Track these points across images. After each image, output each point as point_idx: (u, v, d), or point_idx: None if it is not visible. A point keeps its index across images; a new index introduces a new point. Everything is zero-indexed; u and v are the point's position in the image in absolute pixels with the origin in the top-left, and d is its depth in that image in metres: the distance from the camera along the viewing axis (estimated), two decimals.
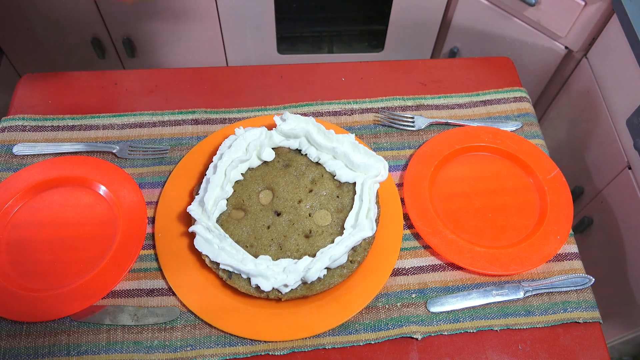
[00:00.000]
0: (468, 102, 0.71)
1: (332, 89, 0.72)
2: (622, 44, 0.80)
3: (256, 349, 0.51)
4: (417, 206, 0.59)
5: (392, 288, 0.55)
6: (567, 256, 0.58)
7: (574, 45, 0.93)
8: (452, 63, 0.76)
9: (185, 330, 0.52)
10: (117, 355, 0.51)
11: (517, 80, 0.74)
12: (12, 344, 0.51)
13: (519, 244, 0.57)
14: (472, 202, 0.61)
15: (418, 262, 0.57)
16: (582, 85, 0.93)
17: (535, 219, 0.60)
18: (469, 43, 1.12)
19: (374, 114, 0.69)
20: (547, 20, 0.93)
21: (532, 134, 0.68)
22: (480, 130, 0.66)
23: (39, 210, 0.59)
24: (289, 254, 0.53)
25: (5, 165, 0.63)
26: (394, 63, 0.76)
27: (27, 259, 0.56)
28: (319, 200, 0.57)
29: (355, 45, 1.26)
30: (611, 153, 0.83)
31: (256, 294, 0.51)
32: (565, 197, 0.60)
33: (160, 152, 0.64)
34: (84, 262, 0.55)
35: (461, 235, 0.58)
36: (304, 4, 1.20)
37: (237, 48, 1.19)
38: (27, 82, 0.71)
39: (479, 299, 0.54)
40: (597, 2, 0.84)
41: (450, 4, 1.10)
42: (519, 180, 0.63)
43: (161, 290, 0.55)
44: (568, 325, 0.54)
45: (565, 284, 0.55)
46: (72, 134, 0.66)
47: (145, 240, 0.57)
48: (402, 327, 0.53)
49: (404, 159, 0.65)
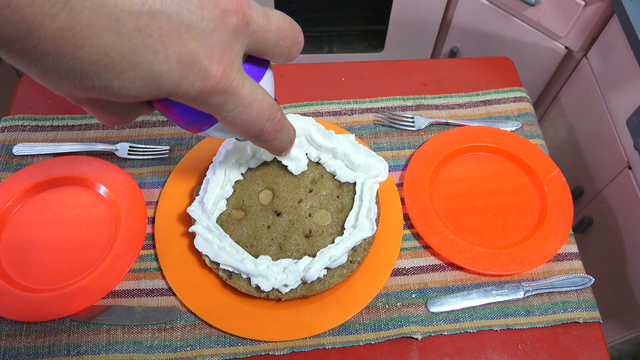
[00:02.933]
0: (468, 102, 0.71)
1: (332, 89, 0.72)
2: (622, 44, 0.80)
3: (256, 349, 0.51)
4: (417, 206, 0.59)
5: (392, 288, 0.55)
6: (567, 256, 0.58)
7: (574, 45, 0.93)
8: (452, 63, 0.76)
9: (185, 330, 0.52)
10: (117, 355, 0.51)
11: (517, 80, 0.74)
12: (12, 344, 0.51)
13: (519, 244, 0.57)
14: (472, 202, 0.61)
15: (418, 262, 0.57)
16: (582, 85, 0.93)
17: (535, 219, 0.60)
18: (469, 43, 1.12)
19: (374, 114, 0.69)
20: (547, 20, 0.93)
21: (532, 134, 0.68)
22: (480, 130, 0.66)
23: (39, 210, 0.59)
24: (289, 254, 0.53)
25: (5, 165, 0.63)
26: (394, 63, 0.76)
27: (27, 259, 0.56)
28: (319, 200, 0.57)
29: (355, 45, 1.26)
30: (611, 153, 0.83)
31: (256, 294, 0.51)
32: (565, 197, 0.60)
33: (160, 152, 0.64)
34: (84, 262, 0.55)
35: (461, 235, 0.58)
36: (304, 4, 1.20)
37: None
38: (27, 82, 0.71)
39: (479, 299, 0.54)
40: (597, 2, 0.84)
41: (450, 4, 1.10)
42: (519, 180, 0.63)
43: (161, 290, 0.55)
44: (568, 325, 0.54)
45: (565, 284, 0.55)
46: (72, 134, 0.66)
47: (145, 240, 0.58)
48: (402, 327, 0.53)
49: (404, 159, 0.65)
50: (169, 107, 0.33)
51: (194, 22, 0.27)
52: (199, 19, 0.27)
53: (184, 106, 0.32)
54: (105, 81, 0.26)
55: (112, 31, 0.25)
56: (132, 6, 0.25)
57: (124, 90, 0.27)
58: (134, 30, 0.25)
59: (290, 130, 0.37)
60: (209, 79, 0.28)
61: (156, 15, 0.25)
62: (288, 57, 0.34)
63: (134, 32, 0.25)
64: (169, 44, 0.26)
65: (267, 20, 0.31)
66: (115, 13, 0.24)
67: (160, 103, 0.33)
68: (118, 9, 0.24)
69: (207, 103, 0.30)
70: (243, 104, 0.31)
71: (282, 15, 0.33)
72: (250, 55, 0.33)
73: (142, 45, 0.26)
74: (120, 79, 0.26)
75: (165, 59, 0.26)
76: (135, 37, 0.25)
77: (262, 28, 0.31)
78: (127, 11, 0.25)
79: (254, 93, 0.31)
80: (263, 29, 0.31)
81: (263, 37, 0.31)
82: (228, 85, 0.29)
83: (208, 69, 0.28)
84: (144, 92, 0.28)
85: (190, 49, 0.27)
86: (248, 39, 0.30)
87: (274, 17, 0.32)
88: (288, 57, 0.34)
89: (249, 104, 0.31)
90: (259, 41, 0.31)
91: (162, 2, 0.26)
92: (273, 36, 0.32)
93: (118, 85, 0.27)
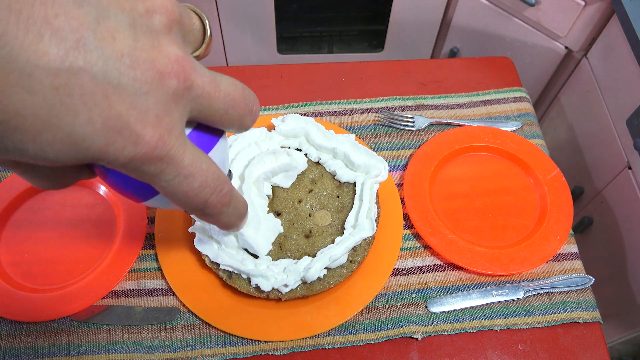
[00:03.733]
0: (468, 102, 0.71)
1: (332, 89, 0.72)
2: (622, 44, 0.80)
3: (256, 349, 0.51)
4: (417, 206, 0.59)
5: (392, 288, 0.55)
6: (567, 256, 0.58)
7: (574, 45, 0.93)
8: (452, 63, 0.76)
9: (185, 330, 0.52)
10: (117, 355, 0.51)
11: (517, 80, 0.74)
12: (12, 344, 0.51)
13: (519, 244, 0.57)
14: (472, 202, 0.61)
15: (418, 262, 0.57)
16: (582, 85, 0.93)
17: (535, 219, 0.60)
18: (469, 43, 1.12)
19: (374, 114, 0.69)
20: (547, 20, 0.93)
21: (532, 134, 0.68)
22: (480, 130, 0.66)
23: (39, 210, 0.59)
24: (289, 254, 0.53)
25: None
26: (394, 63, 0.76)
27: (27, 259, 0.56)
28: (319, 200, 0.57)
29: (355, 45, 1.26)
30: (611, 153, 0.83)
31: (256, 294, 0.51)
32: (565, 197, 0.60)
33: None
34: (84, 262, 0.55)
35: (461, 235, 0.58)
36: (304, 4, 1.20)
37: (237, 48, 1.19)
38: None
39: (479, 299, 0.54)
40: (597, 2, 0.84)
41: (450, 4, 1.10)
42: (519, 180, 0.63)
43: (161, 290, 0.55)
44: (568, 325, 0.54)
45: (565, 284, 0.55)
46: None
47: (145, 240, 0.58)
48: (402, 327, 0.53)
49: (404, 159, 0.65)
50: (104, 174, 0.30)
51: (124, 82, 0.24)
52: (131, 79, 0.24)
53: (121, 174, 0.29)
54: (18, 143, 0.23)
55: (24, 89, 0.22)
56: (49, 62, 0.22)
57: (41, 154, 0.24)
58: (51, 89, 0.22)
59: (240, 204, 0.33)
60: (141, 145, 0.25)
61: (77, 74, 0.23)
62: (241, 127, 0.31)
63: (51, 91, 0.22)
64: (93, 105, 0.23)
65: (215, 86, 0.28)
66: (27, 68, 0.21)
67: (97, 169, 0.30)
68: (31, 64, 0.21)
69: (141, 171, 0.26)
70: (184, 174, 0.27)
71: (233, 81, 0.30)
72: (200, 124, 0.31)
73: (60, 106, 0.23)
74: (36, 142, 0.23)
75: (89, 121, 0.23)
76: (52, 96, 0.22)
77: (208, 94, 0.28)
78: (42, 67, 0.22)
79: (197, 162, 0.28)
80: (209, 95, 0.28)
81: (209, 104, 0.28)
82: (165, 153, 0.26)
83: (140, 135, 0.25)
84: (66, 157, 0.25)
85: (118, 111, 0.24)
86: (191, 104, 0.27)
87: (223, 83, 0.29)
88: (241, 126, 0.31)
89: (190, 173, 0.28)
90: (204, 108, 0.28)
91: (86, 59, 0.23)
92: (221, 103, 0.29)
93: (34, 149, 0.24)
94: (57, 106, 0.23)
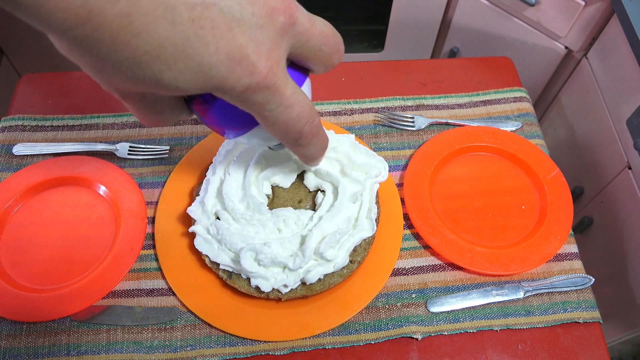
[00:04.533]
0: (468, 102, 0.71)
1: (332, 89, 0.72)
2: (622, 44, 0.80)
3: (256, 349, 0.51)
4: (417, 206, 0.59)
5: (392, 288, 0.55)
6: (567, 256, 0.58)
7: (574, 45, 0.93)
8: (452, 63, 0.76)
9: (185, 330, 0.52)
10: (117, 355, 0.51)
11: (517, 80, 0.74)
12: (12, 344, 0.51)
13: (519, 244, 0.57)
14: (472, 202, 0.61)
15: (418, 262, 0.57)
16: (582, 85, 0.93)
17: (535, 219, 0.60)
18: (469, 43, 1.12)
19: (374, 114, 0.69)
20: (547, 20, 0.93)
21: (532, 134, 0.68)
22: (480, 130, 0.66)
23: (39, 210, 0.59)
24: None
25: (5, 165, 0.63)
26: (394, 63, 0.76)
27: (27, 259, 0.56)
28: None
29: (355, 45, 1.26)
30: (611, 153, 0.83)
31: (256, 294, 0.51)
32: (565, 197, 0.60)
33: (160, 152, 0.64)
34: (84, 262, 0.55)
35: (461, 235, 0.58)
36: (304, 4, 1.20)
37: None
38: (27, 82, 0.71)
39: (479, 299, 0.54)
40: (597, 2, 0.84)
41: (450, 4, 1.10)
42: (519, 180, 0.63)
43: (161, 290, 0.55)
44: (568, 325, 0.54)
45: (565, 284, 0.55)
46: (72, 134, 0.66)
47: (145, 240, 0.58)
48: (402, 327, 0.53)
49: (404, 159, 0.65)
50: (209, 110, 0.33)
51: (245, 17, 0.27)
52: (250, 14, 0.27)
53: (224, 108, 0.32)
54: (156, 72, 0.26)
55: (168, 20, 0.25)
56: None
57: (173, 83, 0.27)
58: (188, 21, 0.25)
59: (324, 137, 0.37)
60: (255, 75, 0.28)
61: (210, 7, 0.26)
62: (329, 65, 0.34)
63: (188, 23, 0.25)
64: (220, 37, 0.26)
65: (312, 24, 0.32)
66: (171, 2, 0.25)
67: (200, 105, 0.33)
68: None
69: (251, 101, 0.29)
70: (285, 104, 0.30)
71: (325, 22, 0.34)
72: (292, 62, 0.34)
73: (194, 37, 0.26)
74: (171, 70, 0.26)
75: (216, 51, 0.26)
76: (188, 27, 0.25)
77: (307, 31, 0.31)
78: (182, 1, 0.25)
79: (295, 94, 0.31)
80: (307, 32, 0.31)
81: (307, 40, 0.31)
82: (273, 83, 0.29)
83: (256, 65, 0.28)
84: (193, 85, 0.28)
85: (240, 43, 0.27)
86: (293, 40, 0.31)
87: (318, 22, 0.33)
88: (329, 64, 0.34)
89: (290, 104, 0.31)
90: (303, 44, 0.31)
91: None
92: (317, 40, 0.32)
93: (169, 77, 0.27)
94: (192, 37, 0.26)
